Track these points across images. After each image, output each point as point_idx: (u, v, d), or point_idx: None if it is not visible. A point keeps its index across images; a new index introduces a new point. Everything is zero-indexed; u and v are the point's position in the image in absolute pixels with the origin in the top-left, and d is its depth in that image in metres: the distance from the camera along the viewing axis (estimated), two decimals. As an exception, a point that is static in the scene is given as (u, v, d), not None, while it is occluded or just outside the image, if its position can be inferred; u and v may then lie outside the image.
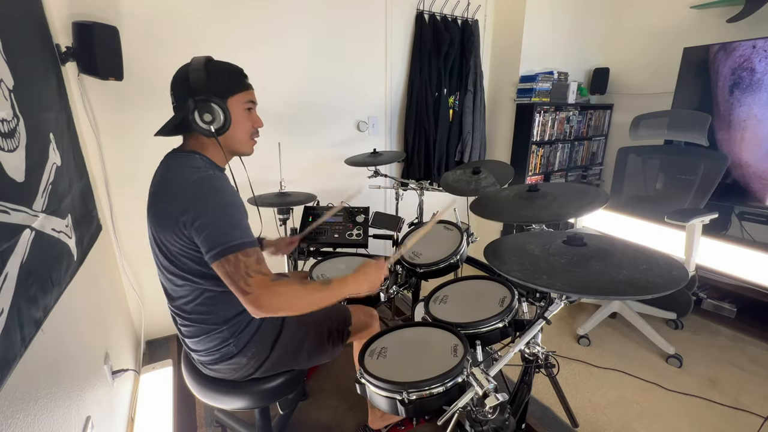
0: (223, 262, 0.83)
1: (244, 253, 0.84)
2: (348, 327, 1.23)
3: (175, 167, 0.95)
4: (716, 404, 1.68)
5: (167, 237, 0.91)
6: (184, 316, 1.01)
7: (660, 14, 2.78)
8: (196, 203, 0.86)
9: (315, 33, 2.20)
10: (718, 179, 2.05)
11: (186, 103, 0.92)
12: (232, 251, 0.83)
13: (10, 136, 0.77)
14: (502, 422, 0.92)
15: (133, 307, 2.03)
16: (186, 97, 0.92)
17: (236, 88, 0.99)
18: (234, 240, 0.84)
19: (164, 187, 0.93)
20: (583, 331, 2.11)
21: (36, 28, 1.18)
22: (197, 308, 0.99)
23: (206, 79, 0.92)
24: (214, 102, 0.93)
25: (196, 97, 0.91)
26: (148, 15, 1.76)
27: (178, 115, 0.95)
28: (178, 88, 0.95)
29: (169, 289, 1.00)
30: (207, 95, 0.92)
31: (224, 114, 0.94)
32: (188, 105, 0.92)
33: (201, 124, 0.93)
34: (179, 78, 0.96)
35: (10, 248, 0.72)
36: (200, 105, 0.92)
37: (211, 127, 0.94)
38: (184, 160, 0.95)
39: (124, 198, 1.87)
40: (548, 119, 2.78)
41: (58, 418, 0.86)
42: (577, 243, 0.99)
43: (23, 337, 0.73)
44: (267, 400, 1.13)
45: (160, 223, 0.91)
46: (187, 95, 0.92)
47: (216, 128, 0.94)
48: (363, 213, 1.89)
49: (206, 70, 0.93)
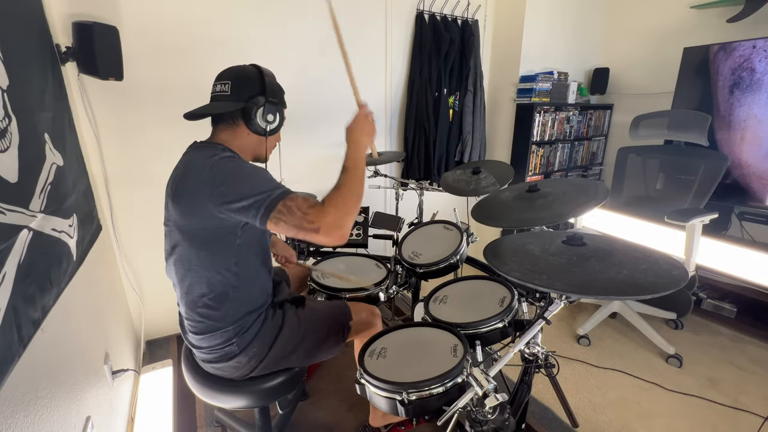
0: (276, 215, 0.85)
1: (290, 198, 0.87)
2: (348, 323, 1.23)
3: (194, 158, 0.97)
4: (716, 404, 1.68)
5: (199, 224, 0.93)
6: (193, 310, 1.01)
7: (660, 14, 2.78)
8: (225, 176, 0.89)
9: (315, 33, 2.20)
10: (718, 179, 2.05)
11: (254, 98, 1.00)
12: (278, 201, 0.86)
13: (2, 136, 0.76)
14: (502, 422, 0.92)
15: (133, 307, 2.03)
16: (255, 94, 1.00)
17: (284, 103, 1.11)
18: (274, 191, 0.87)
19: (188, 172, 0.96)
20: (583, 331, 2.11)
21: (35, 27, 1.18)
22: (209, 303, 1.00)
23: (278, 88, 1.06)
24: (279, 108, 1.05)
25: (269, 98, 1.01)
26: (148, 15, 1.76)
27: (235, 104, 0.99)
28: (243, 82, 1.01)
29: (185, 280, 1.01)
30: (277, 101, 1.04)
31: (281, 119, 1.06)
32: (257, 101, 1.00)
33: (261, 121, 1.01)
34: (247, 74, 1.02)
35: (8, 249, 0.72)
36: (269, 106, 1.02)
37: (269, 127, 1.03)
38: (204, 150, 0.97)
39: (124, 198, 1.87)
40: (548, 119, 2.77)
41: (58, 418, 0.86)
42: (577, 243, 0.99)
43: (21, 337, 0.73)
44: (267, 399, 1.13)
45: (190, 206, 0.93)
46: (258, 93, 1.00)
47: (270, 129, 1.04)
48: (363, 213, 1.89)
49: (275, 80, 1.07)
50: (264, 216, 0.85)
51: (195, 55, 1.90)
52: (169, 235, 1.01)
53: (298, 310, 1.18)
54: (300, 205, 0.86)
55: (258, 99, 1.00)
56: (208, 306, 1.00)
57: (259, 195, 0.86)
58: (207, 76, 1.88)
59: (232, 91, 1.00)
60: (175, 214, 0.95)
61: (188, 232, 0.95)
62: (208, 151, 0.95)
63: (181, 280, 1.01)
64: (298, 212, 0.85)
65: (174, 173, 1.01)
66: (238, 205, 0.86)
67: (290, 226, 0.86)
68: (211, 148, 0.97)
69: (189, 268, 0.98)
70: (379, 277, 1.53)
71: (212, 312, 1.00)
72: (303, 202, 0.87)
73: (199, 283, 0.99)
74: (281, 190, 0.88)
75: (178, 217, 0.95)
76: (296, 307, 1.19)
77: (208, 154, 0.94)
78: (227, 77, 1.02)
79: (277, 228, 0.87)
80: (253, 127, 1.02)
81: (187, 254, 0.97)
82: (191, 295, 1.00)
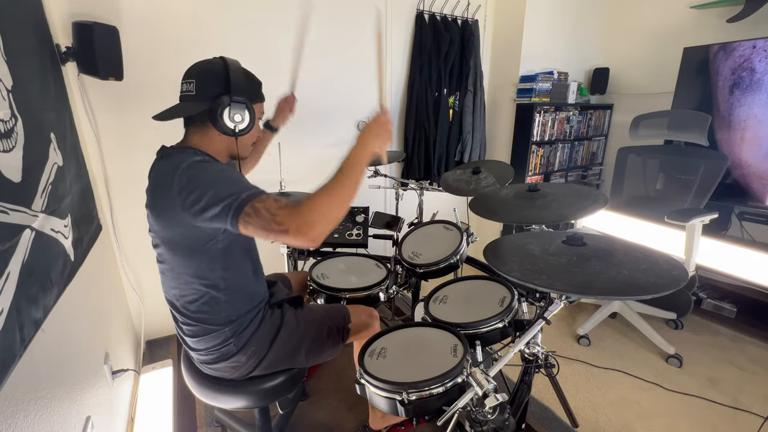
0: (244, 217, 0.80)
1: (259, 200, 0.82)
2: (347, 325, 1.23)
3: (164, 166, 0.93)
4: (716, 404, 1.68)
5: (178, 233, 0.91)
6: (187, 315, 1.01)
7: (660, 14, 2.78)
8: (192, 185, 0.85)
9: (315, 33, 2.20)
10: (718, 179, 2.05)
11: (218, 98, 0.93)
12: (246, 203, 0.81)
13: (8, 136, 0.77)
14: (502, 422, 0.92)
15: (133, 307, 2.03)
16: (220, 93, 0.94)
17: (259, 97, 1.04)
18: (242, 193, 0.82)
19: (157, 184, 0.93)
20: (583, 331, 2.11)
21: (36, 27, 1.18)
22: (201, 308, 0.99)
23: (245, 83, 0.97)
24: (248, 105, 0.96)
25: (234, 96, 0.93)
26: (148, 15, 1.76)
27: (199, 105, 0.94)
28: (207, 81, 0.95)
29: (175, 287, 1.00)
30: (244, 98, 0.95)
31: (251, 118, 0.98)
32: (222, 101, 0.93)
33: (228, 122, 0.94)
34: (211, 71, 0.96)
35: (12, 248, 0.72)
36: (235, 105, 0.94)
37: (238, 128, 0.96)
38: (175, 157, 0.93)
39: (124, 198, 1.87)
40: (548, 119, 2.77)
41: (58, 418, 0.86)
42: (577, 243, 0.99)
43: (23, 337, 0.73)
44: (267, 399, 1.13)
45: (166, 218, 0.90)
46: (223, 92, 0.94)
47: (239, 129, 0.97)
48: (363, 213, 1.89)
49: (244, 74, 0.99)
50: (233, 219, 0.81)
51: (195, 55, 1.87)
52: (153, 241, 0.99)
53: (296, 311, 1.18)
54: (269, 207, 0.81)
55: (223, 99, 0.93)
56: (201, 310, 0.99)
57: (227, 199, 0.81)
58: (207, 76, 1.91)
59: (197, 90, 0.94)
60: (156, 225, 0.93)
61: (171, 242, 0.93)
62: (177, 159, 0.91)
63: (172, 287, 1.00)
64: (266, 214, 0.80)
65: (148, 182, 0.98)
66: (210, 214, 0.82)
67: (258, 228, 0.81)
68: (181, 155, 0.92)
69: (178, 275, 0.97)
70: (379, 277, 1.53)
71: (206, 315, 1.00)
72: (273, 203, 0.81)
73: (189, 290, 0.98)
74: (249, 192, 0.83)
75: (159, 228, 0.93)
76: (294, 308, 1.19)
77: (177, 162, 0.89)
78: (192, 75, 0.96)
79: (247, 231, 0.83)
80: (221, 128, 0.95)
81: (174, 263, 0.96)
82: (183, 300, 1.00)
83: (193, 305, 0.99)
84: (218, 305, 1.00)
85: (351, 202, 0.87)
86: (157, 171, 0.96)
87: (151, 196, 0.95)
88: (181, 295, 1.00)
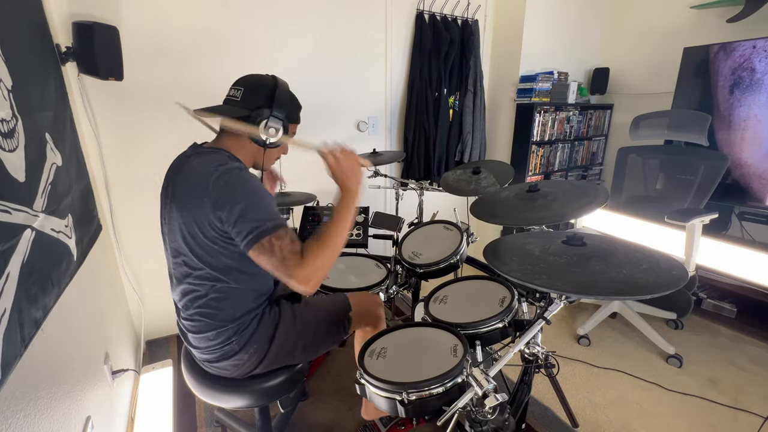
0: (258, 247, 0.87)
1: (276, 236, 0.87)
2: (348, 314, 1.23)
3: (200, 163, 0.96)
4: (716, 404, 1.68)
5: (198, 227, 0.93)
6: (192, 311, 1.01)
7: (660, 14, 2.78)
8: (227, 195, 0.89)
9: (315, 33, 2.20)
10: (718, 179, 2.05)
11: (260, 109, 0.99)
12: (265, 235, 0.86)
13: (10, 136, 0.77)
14: (502, 422, 0.92)
15: (133, 307, 2.03)
16: (262, 105, 0.99)
17: (297, 119, 1.11)
18: (266, 224, 0.87)
19: (191, 179, 0.95)
20: (583, 331, 2.11)
21: (36, 28, 1.18)
22: (209, 302, 1.00)
23: (289, 103, 1.04)
24: (285, 123, 1.02)
25: (274, 112, 1.00)
26: (149, 15, 1.76)
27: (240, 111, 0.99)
28: (255, 91, 1.01)
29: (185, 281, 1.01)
30: (283, 115, 1.01)
31: (284, 134, 1.03)
32: (262, 112, 0.99)
33: (261, 132, 0.99)
34: (260, 84, 1.02)
35: (12, 248, 0.72)
36: (273, 119, 1.00)
37: (269, 140, 1.01)
38: (211, 156, 0.97)
39: (124, 198, 1.87)
40: (548, 119, 2.77)
41: (58, 418, 0.86)
42: (577, 243, 0.99)
43: (23, 336, 0.73)
44: (268, 398, 1.13)
45: (190, 214, 0.93)
46: (265, 105, 0.99)
47: (270, 141, 1.02)
48: (363, 213, 1.89)
49: (289, 95, 1.06)
50: (249, 244, 0.87)
51: (195, 56, 1.90)
52: (169, 235, 1.01)
53: (293, 305, 1.18)
54: (284, 247, 0.87)
55: (263, 111, 0.99)
56: (208, 306, 1.00)
57: (253, 222, 0.87)
58: (207, 76, 1.91)
59: (242, 97, 1.00)
60: (178, 218, 0.96)
61: (191, 236, 0.95)
62: (213, 159, 0.95)
63: (181, 281, 1.01)
64: (278, 254, 0.86)
65: (174, 175, 1.01)
66: (233, 225, 0.88)
67: (266, 264, 0.88)
68: (216, 156, 0.97)
69: (191, 270, 0.98)
70: (379, 277, 1.53)
71: (211, 311, 1.01)
72: (288, 245, 0.87)
73: (199, 285, 0.99)
74: (274, 223, 0.88)
75: (181, 221, 0.95)
76: (291, 303, 1.19)
77: (214, 162, 0.94)
78: (242, 83, 1.02)
79: (257, 260, 0.89)
80: (257, 139, 1.01)
81: (189, 257, 0.97)
82: (191, 295, 1.01)
83: (200, 300, 1.00)
84: (225, 302, 1.00)
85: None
86: (190, 166, 0.98)
87: (180, 189, 0.97)
88: (190, 290, 1.00)
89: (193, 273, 0.98)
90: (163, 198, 1.02)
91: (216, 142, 1.05)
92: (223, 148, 1.01)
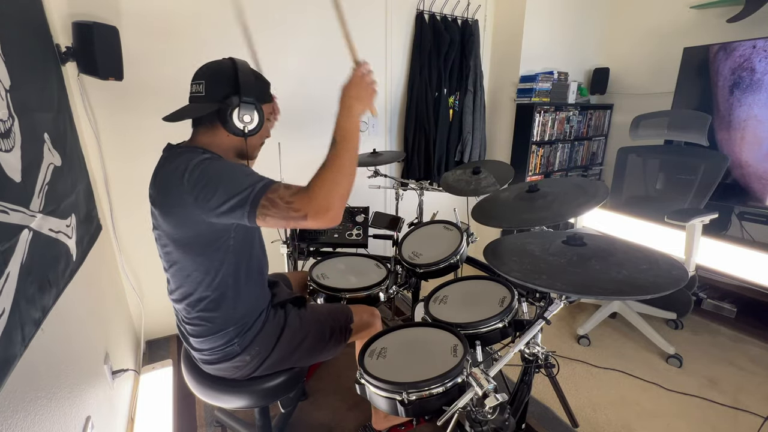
0: (261, 210, 0.81)
1: (272, 190, 0.83)
2: (350, 325, 1.24)
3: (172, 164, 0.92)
4: (716, 404, 1.68)
5: (186, 228, 0.91)
6: (192, 315, 1.01)
7: (660, 14, 2.78)
8: (204, 180, 0.85)
9: (315, 33, 2.20)
10: (718, 179, 2.05)
11: (228, 98, 0.94)
12: (261, 195, 0.82)
13: (6, 136, 0.77)
14: (502, 422, 0.92)
15: (133, 307, 2.03)
16: (229, 94, 0.94)
17: (268, 97, 1.04)
18: (254, 186, 0.82)
19: (166, 182, 0.92)
20: (583, 331, 2.11)
21: (36, 28, 1.18)
22: (208, 306, 0.99)
23: (254, 83, 0.97)
24: (257, 106, 0.96)
25: (244, 97, 0.93)
26: (149, 15, 1.76)
27: (209, 106, 0.95)
28: (217, 82, 0.95)
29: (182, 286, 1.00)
30: (253, 98, 0.95)
31: (260, 119, 0.98)
32: (231, 101, 0.93)
33: (237, 122, 0.95)
34: (220, 72, 0.96)
35: (11, 248, 0.72)
36: (245, 105, 0.94)
37: (247, 128, 0.96)
38: (183, 156, 0.92)
39: (124, 198, 1.87)
40: (548, 119, 2.77)
41: (58, 418, 0.86)
42: (577, 243, 0.99)
43: (23, 336, 0.73)
44: (268, 399, 1.13)
45: (177, 216, 0.90)
46: (232, 92, 0.94)
47: (249, 130, 0.97)
48: (363, 213, 1.89)
49: (254, 74, 0.99)
50: (251, 213, 0.82)
51: (195, 55, 1.88)
52: (160, 240, 0.99)
53: (300, 311, 1.18)
54: (282, 195, 0.82)
55: (232, 99, 0.93)
56: (207, 309, 1.00)
57: (241, 193, 0.82)
58: (207, 76, 1.90)
59: (206, 91, 0.95)
60: (166, 225, 0.93)
61: (182, 241, 0.93)
62: (186, 158, 0.90)
63: (180, 285, 1.00)
64: (282, 203, 0.81)
65: (154, 180, 0.97)
66: (224, 208, 0.83)
67: (277, 218, 0.82)
68: (189, 153, 0.92)
69: (187, 274, 0.97)
70: (379, 277, 1.53)
71: (212, 314, 1.00)
72: (285, 191, 0.83)
73: (197, 288, 0.98)
74: (262, 183, 0.83)
75: (170, 228, 0.92)
76: (298, 308, 1.19)
77: (186, 160, 0.89)
78: (201, 76, 0.97)
79: (266, 223, 0.83)
80: (230, 128, 0.96)
81: (183, 261, 0.96)
82: (190, 299, 1.00)
83: (200, 304, 0.99)
84: (224, 305, 1.00)
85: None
86: (165, 169, 0.94)
87: (160, 194, 0.93)
88: (188, 294, 0.99)
89: (190, 278, 0.97)
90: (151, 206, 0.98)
91: (191, 140, 1.01)
92: (198, 145, 0.98)
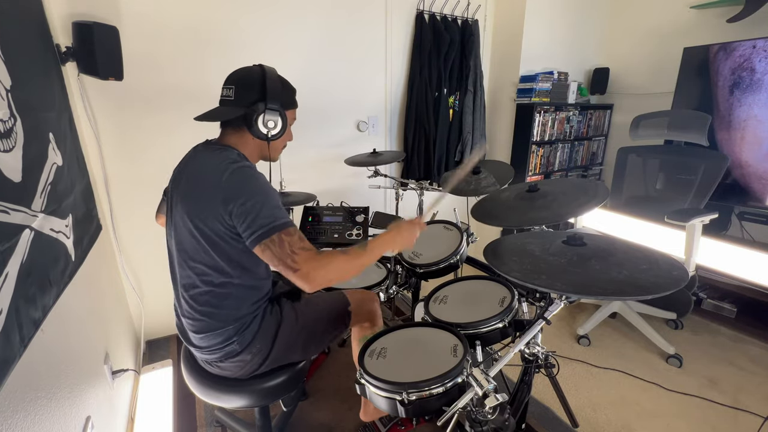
0: (267, 243, 0.88)
1: (287, 233, 0.89)
2: (348, 308, 1.25)
3: (212, 158, 0.99)
4: (716, 404, 1.68)
5: (208, 223, 0.94)
6: (194, 308, 1.02)
7: (660, 14, 2.78)
8: (239, 191, 0.91)
9: (315, 33, 2.20)
10: (718, 179, 2.05)
11: (254, 104, 0.99)
12: (275, 231, 0.88)
13: (7, 136, 0.77)
14: (502, 422, 0.92)
15: (133, 307, 2.03)
16: (256, 100, 1.00)
17: (293, 103, 1.11)
18: (277, 221, 0.89)
19: (202, 176, 0.98)
20: (583, 331, 2.11)
21: (36, 28, 1.18)
22: (210, 300, 1.00)
23: (281, 91, 1.03)
24: (281, 113, 1.02)
25: (269, 104, 0.99)
26: (149, 15, 1.76)
27: (237, 110, 1.00)
28: (246, 87, 1.01)
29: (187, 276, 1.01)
30: (278, 105, 1.01)
31: (283, 124, 1.04)
32: (257, 107, 0.99)
33: (262, 127, 1.01)
34: (250, 78, 1.02)
35: (11, 248, 0.72)
36: (270, 111, 1.00)
37: (270, 133, 1.02)
38: (222, 153, 0.99)
39: (124, 198, 1.87)
40: (548, 119, 2.77)
41: (58, 418, 0.86)
42: (577, 243, 0.99)
43: (22, 337, 0.73)
44: (268, 398, 1.13)
45: (198, 206, 0.95)
46: (259, 99, 1.00)
47: (272, 134, 1.03)
48: (363, 213, 1.89)
49: (280, 82, 1.05)
50: (256, 240, 0.88)
51: (195, 55, 1.90)
52: (175, 228, 1.02)
53: (294, 303, 1.19)
54: (292, 242, 0.89)
55: (258, 105, 0.99)
56: (209, 303, 1.00)
57: (262, 219, 0.88)
58: (207, 76, 1.91)
59: (235, 96, 1.01)
60: (186, 212, 0.97)
61: (198, 231, 0.96)
62: (224, 156, 0.97)
63: (186, 275, 1.01)
64: (287, 248, 0.88)
65: (184, 170, 1.03)
66: (243, 221, 0.89)
67: (274, 257, 0.88)
68: (227, 152, 0.99)
69: (195, 264, 0.99)
70: (379, 277, 1.53)
71: (213, 309, 1.01)
72: (297, 241, 0.89)
73: (203, 279, 0.99)
74: (284, 221, 0.90)
75: (190, 216, 0.96)
76: (292, 301, 1.20)
77: (225, 159, 0.96)
78: (232, 81, 1.03)
79: (262, 255, 0.90)
80: (255, 133, 1.02)
81: (195, 250, 0.98)
82: (194, 290, 1.01)
83: (202, 297, 1.00)
84: (227, 299, 1.01)
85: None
86: (201, 161, 1.02)
87: (192, 181, 0.99)
88: (192, 285, 1.01)
89: (197, 269, 0.99)
90: (172, 190, 1.03)
91: (222, 138, 1.07)
92: (230, 145, 1.04)
